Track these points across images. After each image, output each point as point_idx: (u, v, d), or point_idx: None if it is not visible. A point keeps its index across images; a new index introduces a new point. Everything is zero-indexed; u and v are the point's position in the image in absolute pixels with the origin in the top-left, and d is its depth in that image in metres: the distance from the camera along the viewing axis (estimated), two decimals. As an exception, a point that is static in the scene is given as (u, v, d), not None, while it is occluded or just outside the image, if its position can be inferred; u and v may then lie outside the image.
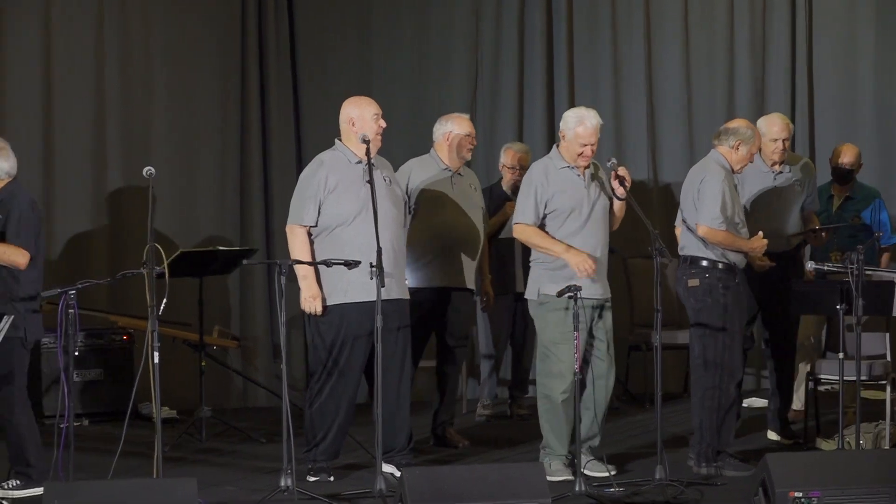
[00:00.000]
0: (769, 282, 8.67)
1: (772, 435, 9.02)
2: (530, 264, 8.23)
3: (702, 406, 8.18)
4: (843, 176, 9.53)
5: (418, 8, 11.09)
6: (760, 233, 8.34)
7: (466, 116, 9.22)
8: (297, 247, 8.18)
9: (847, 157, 9.56)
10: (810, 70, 11.31)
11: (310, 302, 8.09)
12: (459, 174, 9.00)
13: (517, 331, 10.30)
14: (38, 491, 7.49)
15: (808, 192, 9.05)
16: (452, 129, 8.97)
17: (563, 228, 8.03)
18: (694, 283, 8.12)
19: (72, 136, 10.63)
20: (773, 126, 8.94)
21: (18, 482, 7.77)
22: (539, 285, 8.05)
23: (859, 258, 8.13)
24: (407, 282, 8.38)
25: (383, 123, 8.14)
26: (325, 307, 8.13)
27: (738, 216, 8.18)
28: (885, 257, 9.64)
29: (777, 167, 8.82)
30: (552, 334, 8.01)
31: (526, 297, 8.24)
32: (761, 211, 8.78)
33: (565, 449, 8.06)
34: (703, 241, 8.06)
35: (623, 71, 11.23)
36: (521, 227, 8.09)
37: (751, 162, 8.43)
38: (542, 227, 8.07)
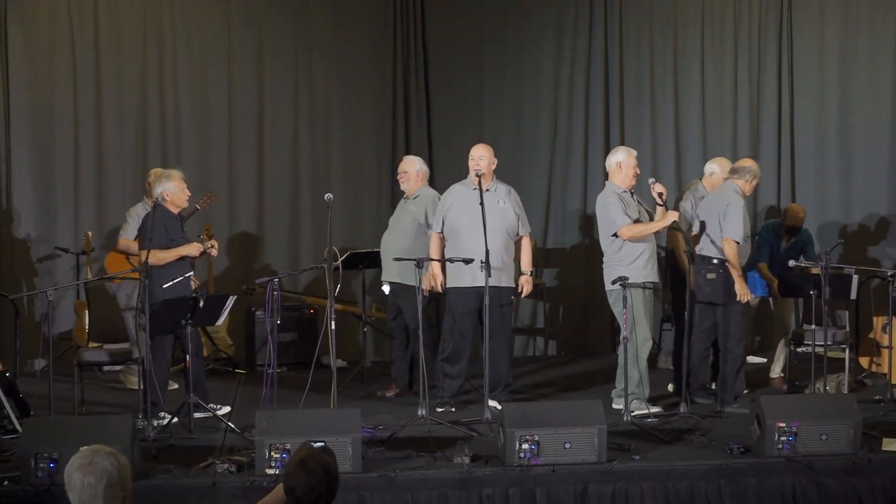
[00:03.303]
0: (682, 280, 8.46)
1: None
2: (605, 265, 8.09)
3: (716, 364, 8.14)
4: (795, 231, 9.14)
5: (515, 82, 11.03)
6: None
7: None
8: (431, 247, 8.26)
9: (796, 217, 9.12)
10: (791, 124, 11.15)
11: (429, 284, 8.21)
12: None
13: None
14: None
15: None
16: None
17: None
18: (711, 276, 8.01)
19: (277, 172, 10.74)
20: (728, 167, 8.70)
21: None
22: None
23: (828, 258, 8.04)
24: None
25: (480, 164, 8.11)
26: (445, 289, 8.22)
27: (748, 231, 8.14)
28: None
29: None
30: (638, 310, 7.89)
31: (608, 288, 8.00)
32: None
33: (646, 392, 7.99)
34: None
35: (658, 122, 11.11)
36: (627, 227, 7.92)
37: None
38: None
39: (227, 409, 7.85)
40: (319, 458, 4.01)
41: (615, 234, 7.96)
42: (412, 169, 8.72)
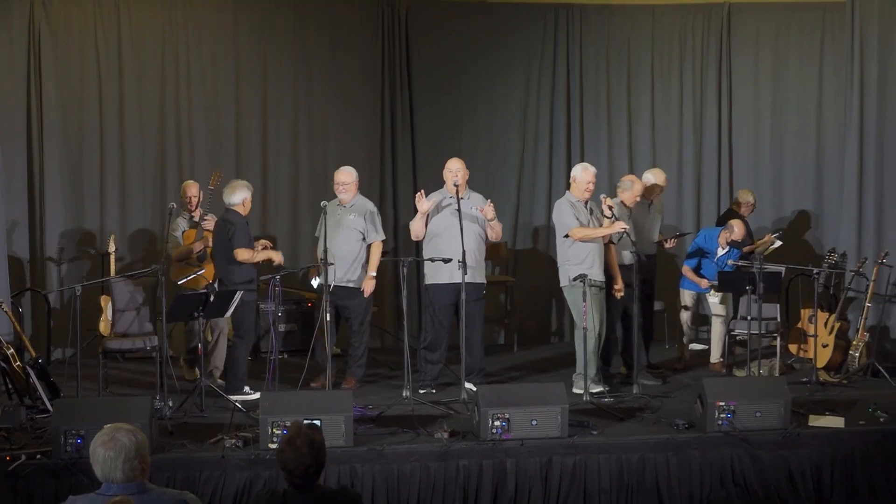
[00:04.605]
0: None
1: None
2: (559, 264, 8.10)
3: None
4: (737, 245, 9.09)
5: (488, 103, 11.02)
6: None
7: None
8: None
9: (738, 232, 9.04)
10: (730, 138, 11.21)
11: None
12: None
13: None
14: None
15: (661, 217, 8.98)
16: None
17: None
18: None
19: (279, 181, 10.72)
20: (660, 176, 8.92)
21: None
22: (570, 275, 7.91)
23: (762, 258, 8.08)
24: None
25: (457, 176, 8.11)
26: (427, 285, 8.19)
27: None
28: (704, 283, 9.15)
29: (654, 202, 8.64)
30: (588, 304, 7.85)
31: (562, 284, 8.04)
32: (639, 229, 8.60)
33: (595, 372, 7.98)
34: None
35: (613, 142, 11.13)
36: (577, 229, 7.92)
37: (637, 200, 8.45)
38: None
39: (257, 395, 7.70)
40: (305, 436, 4.05)
41: (566, 235, 8.00)
42: (351, 179, 8.38)
